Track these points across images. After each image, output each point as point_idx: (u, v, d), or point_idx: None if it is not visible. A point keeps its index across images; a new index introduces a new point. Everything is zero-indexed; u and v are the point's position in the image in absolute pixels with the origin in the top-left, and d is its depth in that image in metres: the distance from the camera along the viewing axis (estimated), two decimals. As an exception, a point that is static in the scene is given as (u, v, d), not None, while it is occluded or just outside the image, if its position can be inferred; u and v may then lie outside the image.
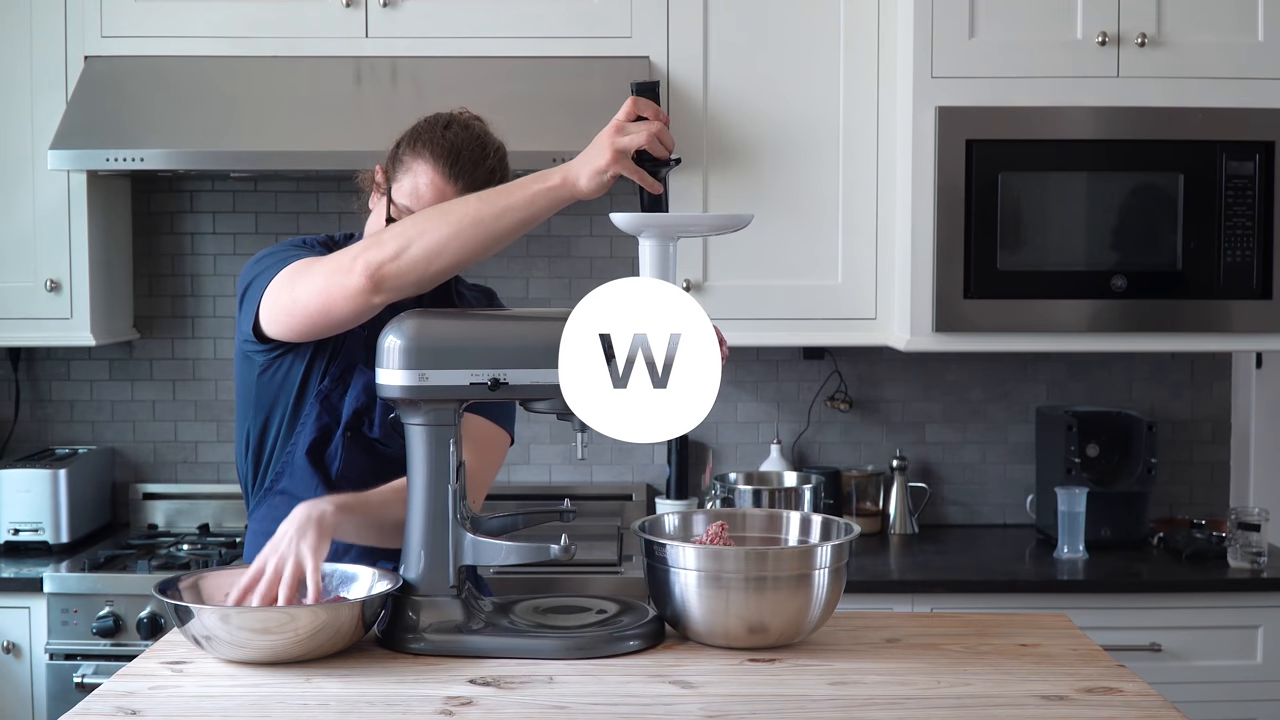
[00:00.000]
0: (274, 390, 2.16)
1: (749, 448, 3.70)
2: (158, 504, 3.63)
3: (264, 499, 2.20)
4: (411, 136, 2.15)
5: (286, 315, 2.03)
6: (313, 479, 2.14)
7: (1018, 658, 1.89)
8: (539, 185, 1.88)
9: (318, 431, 2.15)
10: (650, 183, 1.87)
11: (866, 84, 3.30)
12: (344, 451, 2.14)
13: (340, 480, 2.14)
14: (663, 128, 1.86)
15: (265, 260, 2.11)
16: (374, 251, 1.91)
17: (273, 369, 2.15)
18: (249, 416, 2.20)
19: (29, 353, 3.66)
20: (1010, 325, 3.20)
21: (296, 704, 1.69)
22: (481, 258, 1.92)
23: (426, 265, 1.90)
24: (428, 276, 1.92)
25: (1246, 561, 3.18)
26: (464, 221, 1.89)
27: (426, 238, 1.89)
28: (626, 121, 1.86)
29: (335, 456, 2.15)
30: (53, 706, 3.01)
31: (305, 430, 2.15)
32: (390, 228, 1.97)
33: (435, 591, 1.90)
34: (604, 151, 1.84)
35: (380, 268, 1.90)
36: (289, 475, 2.17)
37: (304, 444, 2.15)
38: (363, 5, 3.27)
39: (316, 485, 2.14)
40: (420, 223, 1.92)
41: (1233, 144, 3.16)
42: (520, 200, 1.88)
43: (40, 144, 3.21)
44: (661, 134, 1.86)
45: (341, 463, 2.14)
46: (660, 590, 1.92)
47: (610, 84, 3.18)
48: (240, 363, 2.20)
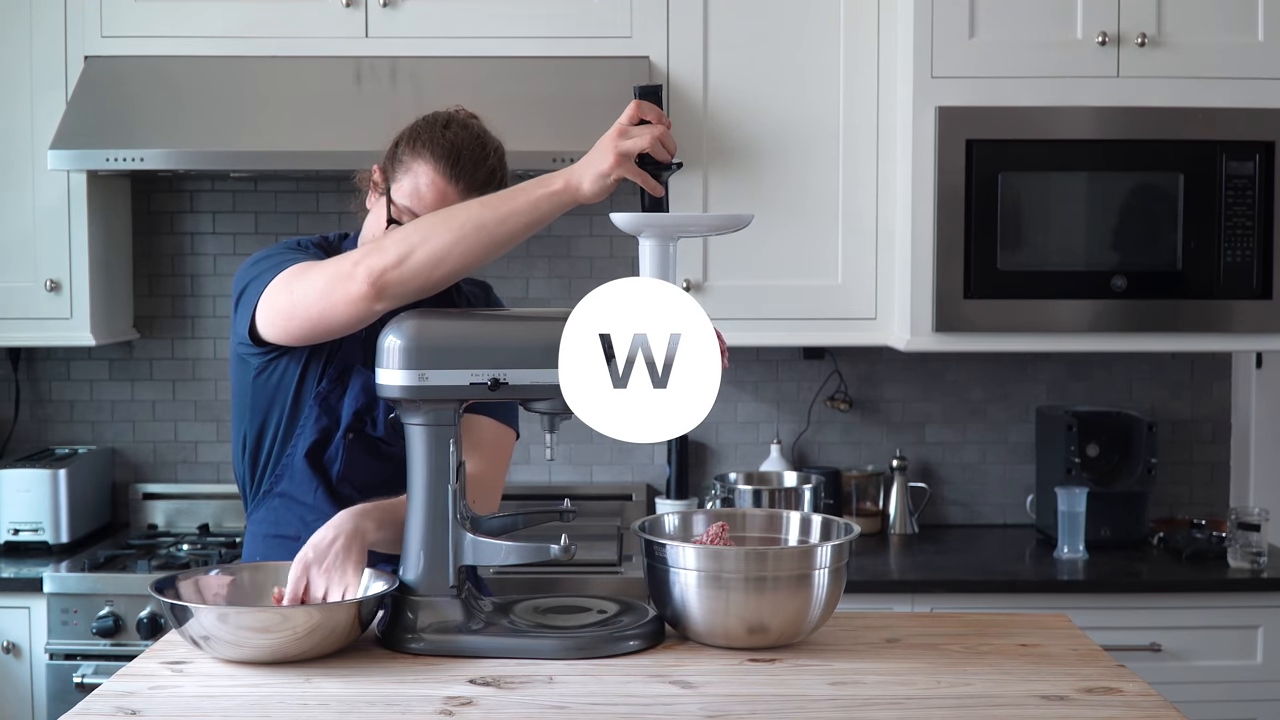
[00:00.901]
0: (270, 393, 2.16)
1: (749, 448, 3.70)
2: (158, 504, 3.63)
3: (262, 501, 2.20)
4: (410, 136, 2.13)
5: (284, 319, 2.02)
6: (312, 481, 2.14)
7: (1018, 658, 1.89)
8: (542, 190, 1.88)
9: (317, 434, 2.14)
10: (653, 186, 1.87)
11: (866, 84, 3.30)
12: (345, 453, 2.14)
13: (341, 482, 2.14)
14: (665, 131, 1.86)
15: (261, 263, 2.10)
16: (376, 258, 1.90)
17: (268, 371, 2.14)
18: (245, 419, 2.20)
19: (29, 353, 3.66)
20: (1010, 325, 3.20)
21: (296, 704, 1.69)
22: (484, 263, 1.92)
23: (430, 272, 1.90)
24: (431, 283, 1.91)
25: (1246, 561, 3.18)
26: (467, 227, 1.88)
27: (430, 244, 1.89)
28: (629, 125, 1.86)
29: (336, 458, 2.15)
30: (53, 706, 3.01)
31: (305, 433, 2.15)
32: (392, 233, 1.96)
33: (435, 592, 1.89)
34: (607, 155, 1.84)
35: (383, 274, 1.89)
36: (288, 478, 2.16)
37: (303, 446, 2.14)
38: (363, 5, 3.27)
39: (316, 488, 2.14)
40: (423, 229, 1.91)
41: (1233, 144, 3.16)
42: (523, 205, 1.88)
43: (40, 144, 3.22)
44: (664, 138, 1.85)
45: (342, 464, 2.14)
46: (660, 590, 1.92)
47: (610, 84, 3.18)
48: (235, 365, 2.19)
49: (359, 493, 2.11)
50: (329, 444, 2.15)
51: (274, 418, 2.17)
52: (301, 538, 2.02)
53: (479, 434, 2.16)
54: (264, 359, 2.13)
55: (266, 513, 2.18)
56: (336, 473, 2.14)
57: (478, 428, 2.17)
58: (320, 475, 2.14)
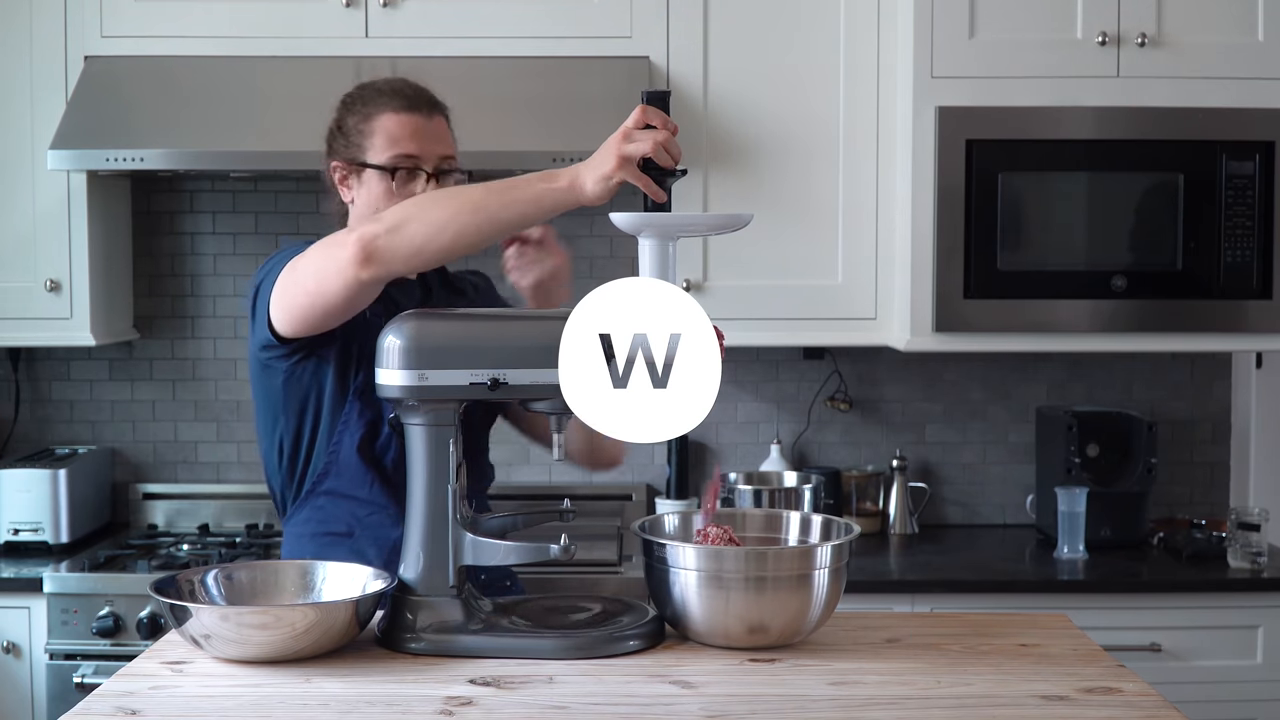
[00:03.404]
0: (303, 394, 2.16)
1: (749, 448, 3.70)
2: (158, 504, 3.63)
3: (305, 501, 2.20)
4: (345, 111, 2.22)
5: (289, 300, 2.02)
6: (366, 475, 2.16)
7: (1018, 658, 1.89)
8: (545, 184, 1.88)
9: (364, 428, 2.15)
10: (654, 191, 1.86)
11: (866, 84, 3.30)
12: (398, 439, 2.13)
13: (396, 471, 2.14)
14: (670, 137, 1.85)
15: (271, 261, 2.12)
16: (370, 225, 1.92)
17: (296, 375, 2.15)
18: (279, 425, 2.19)
19: (29, 353, 3.66)
20: (1010, 325, 3.20)
21: (297, 704, 1.69)
22: (479, 247, 1.91)
23: (423, 243, 1.89)
24: (422, 256, 1.91)
25: (1246, 561, 3.18)
26: (465, 207, 1.89)
27: (426, 216, 1.90)
28: (635, 129, 1.86)
29: (389, 448, 2.15)
30: (53, 706, 3.01)
31: (349, 429, 2.15)
32: (392, 208, 1.97)
33: (434, 592, 1.89)
34: (610, 157, 1.84)
35: (374, 239, 1.89)
36: (334, 475, 2.17)
37: (351, 442, 2.15)
38: (363, 5, 3.27)
39: (371, 481, 2.15)
40: (422, 202, 1.93)
41: (1233, 144, 3.16)
42: (527, 195, 1.88)
43: (40, 144, 3.21)
44: (668, 143, 1.85)
45: (396, 452, 2.14)
46: (660, 590, 1.92)
47: (610, 84, 3.18)
48: (259, 374, 2.19)
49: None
50: (377, 436, 2.16)
51: (309, 419, 2.17)
52: (354, 533, 2.10)
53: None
54: (289, 361, 2.13)
55: (312, 512, 2.19)
56: (391, 460, 2.15)
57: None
58: (374, 468, 2.16)
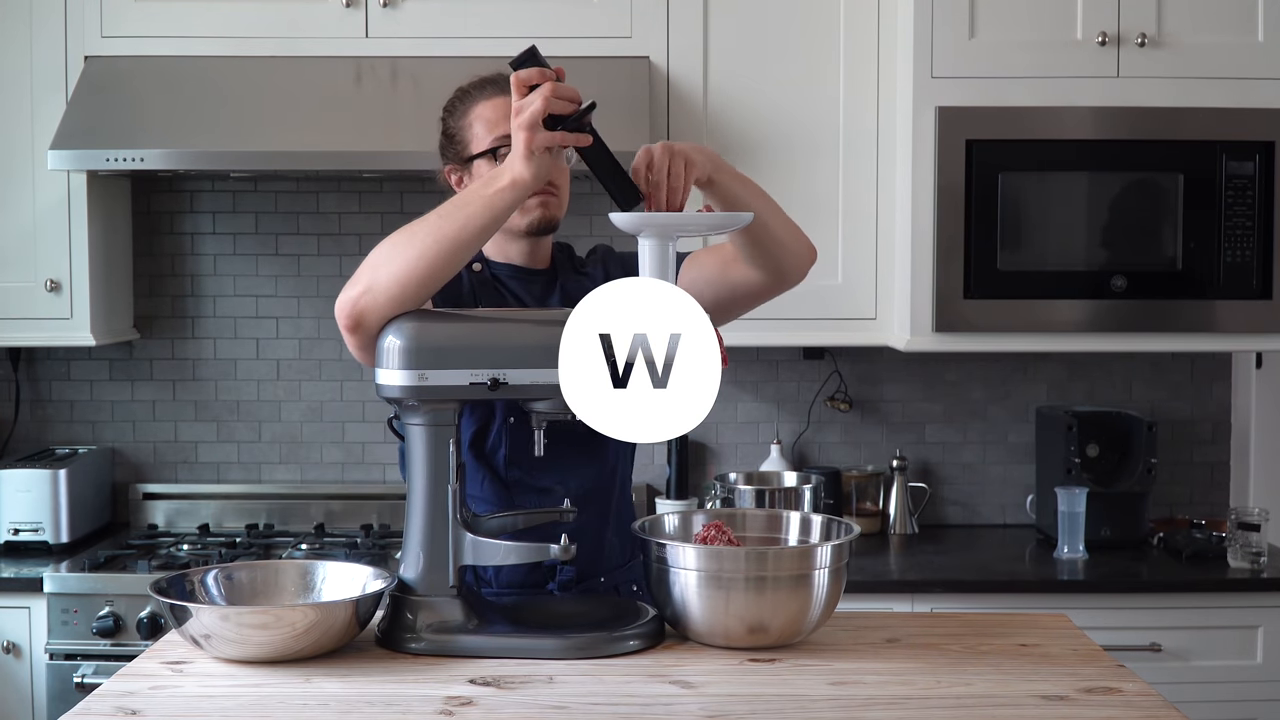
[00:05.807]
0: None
1: (749, 448, 3.70)
2: (158, 504, 3.63)
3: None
4: (445, 118, 2.23)
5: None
6: (478, 473, 2.17)
7: (1018, 658, 1.89)
8: (491, 189, 1.88)
9: (476, 424, 2.16)
10: (577, 138, 1.87)
11: (866, 84, 3.30)
12: (508, 436, 2.15)
13: (510, 465, 2.15)
14: (556, 85, 1.84)
15: None
16: (347, 290, 1.91)
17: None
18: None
19: (29, 353, 3.66)
20: (1010, 325, 3.20)
21: (297, 704, 1.69)
22: (455, 269, 1.91)
23: (400, 289, 1.88)
24: (405, 298, 1.89)
25: (1246, 561, 3.18)
26: (427, 242, 1.88)
27: (393, 263, 1.88)
28: (520, 99, 1.85)
29: (500, 443, 2.16)
30: (53, 706, 3.01)
31: (463, 427, 2.14)
32: (361, 265, 1.95)
33: (435, 592, 1.90)
34: (519, 136, 1.84)
35: (355, 304, 1.89)
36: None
37: (464, 440, 2.14)
38: (363, 5, 3.27)
39: (484, 478, 2.17)
40: (384, 250, 1.91)
41: (1233, 144, 3.16)
42: (479, 208, 1.88)
43: (40, 144, 3.22)
44: (557, 90, 1.83)
45: (508, 448, 2.15)
46: (660, 590, 1.92)
47: (610, 84, 3.18)
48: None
49: (527, 475, 2.15)
50: (488, 434, 2.17)
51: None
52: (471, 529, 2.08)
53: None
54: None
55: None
56: (504, 456, 2.16)
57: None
58: (485, 464, 2.17)
